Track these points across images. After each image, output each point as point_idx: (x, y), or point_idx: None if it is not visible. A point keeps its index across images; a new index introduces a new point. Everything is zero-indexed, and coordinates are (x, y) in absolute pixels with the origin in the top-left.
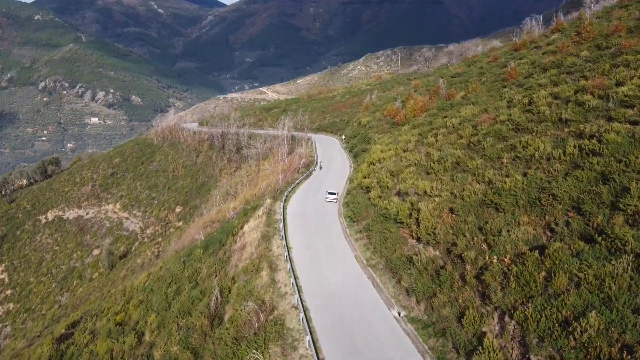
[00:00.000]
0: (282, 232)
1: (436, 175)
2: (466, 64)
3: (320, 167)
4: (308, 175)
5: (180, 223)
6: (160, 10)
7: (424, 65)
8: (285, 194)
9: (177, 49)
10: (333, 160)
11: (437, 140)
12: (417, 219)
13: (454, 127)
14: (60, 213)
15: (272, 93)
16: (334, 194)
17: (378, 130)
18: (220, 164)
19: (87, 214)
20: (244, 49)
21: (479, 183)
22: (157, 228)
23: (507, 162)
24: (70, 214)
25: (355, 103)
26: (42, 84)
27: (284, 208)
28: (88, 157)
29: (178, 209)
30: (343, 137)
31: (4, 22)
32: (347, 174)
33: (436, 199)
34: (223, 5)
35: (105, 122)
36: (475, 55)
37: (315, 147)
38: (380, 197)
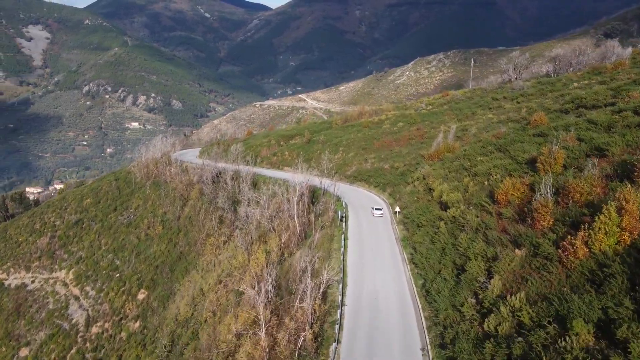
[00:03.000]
0: None
1: None
2: (625, 80)
3: None
4: None
5: (137, 324)
6: (206, 14)
7: (514, 75)
8: None
9: (221, 52)
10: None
11: None
12: None
13: None
14: (4, 276)
15: (311, 100)
16: (380, 209)
17: (497, 263)
18: (207, 225)
19: (33, 282)
20: (288, 52)
21: None
22: (106, 326)
23: None
24: (14, 279)
25: (414, 138)
26: (86, 87)
27: None
28: (77, 185)
29: (141, 295)
30: (398, 209)
31: (55, 27)
32: None
33: None
34: (269, 8)
35: (145, 127)
36: (619, 63)
37: (345, 249)
38: None
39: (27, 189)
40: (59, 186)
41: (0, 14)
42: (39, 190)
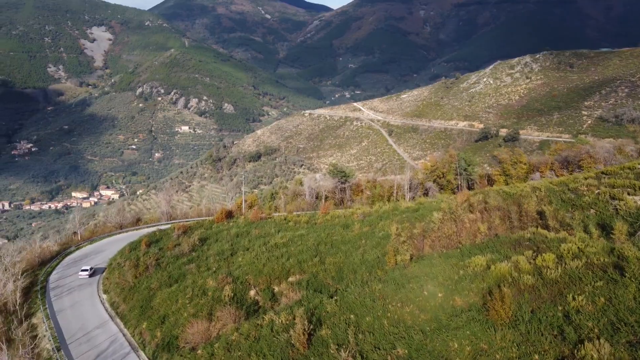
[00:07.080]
0: None
1: None
2: None
3: None
4: None
5: None
6: (267, 15)
7: None
8: None
9: (280, 53)
10: None
11: None
12: None
13: None
14: None
15: (367, 110)
16: (86, 269)
17: None
18: None
19: None
20: (347, 54)
21: None
22: None
23: None
24: None
25: None
26: (140, 89)
27: None
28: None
29: None
30: None
31: (118, 28)
32: None
33: None
34: (330, 9)
35: (195, 131)
36: None
37: None
38: None
39: (73, 194)
40: (104, 192)
41: (67, 15)
42: (85, 195)
